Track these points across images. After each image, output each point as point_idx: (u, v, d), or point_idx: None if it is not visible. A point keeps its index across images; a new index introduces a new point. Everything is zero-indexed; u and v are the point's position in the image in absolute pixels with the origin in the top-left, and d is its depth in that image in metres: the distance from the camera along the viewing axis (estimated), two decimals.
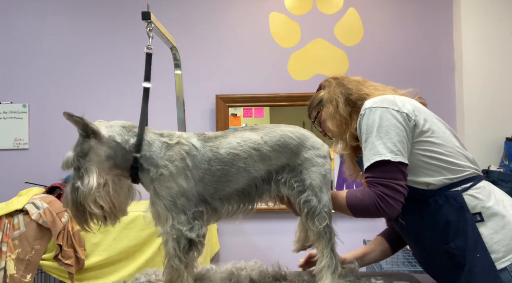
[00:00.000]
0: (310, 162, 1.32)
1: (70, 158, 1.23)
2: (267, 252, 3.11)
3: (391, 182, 1.22)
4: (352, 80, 1.47)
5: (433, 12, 3.17)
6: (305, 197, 1.29)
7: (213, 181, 1.26)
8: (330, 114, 1.44)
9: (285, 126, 1.36)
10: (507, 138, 2.91)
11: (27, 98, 3.23)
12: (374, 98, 1.32)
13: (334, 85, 1.47)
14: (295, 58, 3.16)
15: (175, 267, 1.22)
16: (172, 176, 1.22)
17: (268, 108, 3.14)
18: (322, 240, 1.30)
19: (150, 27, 1.43)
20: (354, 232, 3.03)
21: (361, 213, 1.30)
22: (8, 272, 2.34)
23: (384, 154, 1.22)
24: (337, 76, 1.51)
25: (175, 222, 1.21)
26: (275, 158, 1.30)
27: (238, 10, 3.22)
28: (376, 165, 1.24)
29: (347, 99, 1.42)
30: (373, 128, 1.25)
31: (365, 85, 1.45)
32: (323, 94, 1.50)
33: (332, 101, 1.44)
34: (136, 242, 2.45)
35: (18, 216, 2.42)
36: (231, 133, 1.33)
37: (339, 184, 3.07)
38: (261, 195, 1.33)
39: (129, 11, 3.21)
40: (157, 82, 2.85)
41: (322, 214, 1.29)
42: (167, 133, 1.29)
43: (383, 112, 1.26)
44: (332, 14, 3.19)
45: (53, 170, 3.12)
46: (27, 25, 3.26)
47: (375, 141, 1.24)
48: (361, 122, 1.30)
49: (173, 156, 1.23)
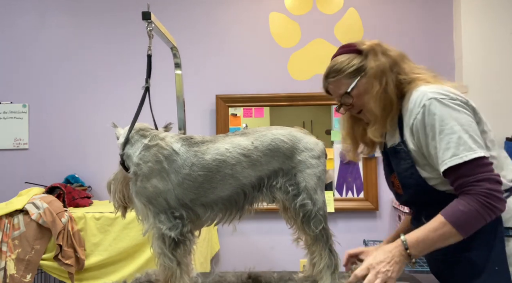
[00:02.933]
0: (304, 164, 1.29)
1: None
2: (267, 252, 3.11)
3: (490, 175, 1.08)
4: (398, 54, 1.28)
5: (433, 12, 3.17)
6: (300, 201, 1.27)
7: (194, 187, 1.24)
8: (376, 93, 1.24)
9: (277, 129, 1.33)
10: (507, 138, 2.91)
11: (27, 98, 3.23)
12: (432, 87, 1.18)
13: (380, 56, 1.26)
14: (295, 58, 3.16)
15: (166, 266, 1.22)
16: (145, 177, 1.23)
17: (268, 108, 3.14)
18: (319, 243, 1.29)
19: (150, 27, 1.43)
20: (354, 232, 3.04)
21: (475, 225, 1.09)
22: (8, 272, 2.34)
23: (476, 150, 1.09)
24: (378, 42, 1.29)
25: (156, 221, 1.22)
26: (267, 163, 1.28)
27: (238, 10, 3.22)
28: (470, 162, 1.09)
29: (397, 79, 1.25)
30: (450, 120, 1.11)
31: (416, 66, 1.29)
32: (366, 63, 1.28)
33: (381, 78, 1.24)
34: (136, 242, 2.44)
35: (18, 216, 2.42)
36: (221, 138, 1.31)
37: (339, 184, 3.07)
38: (251, 203, 1.31)
39: (130, 11, 3.21)
40: (157, 82, 2.85)
41: (317, 218, 1.28)
42: (153, 133, 1.30)
43: (456, 104, 1.13)
44: (332, 14, 3.19)
45: (53, 170, 3.12)
46: (27, 24, 3.26)
47: (462, 135, 1.09)
48: (429, 113, 1.14)
49: (147, 157, 1.24)
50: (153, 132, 1.31)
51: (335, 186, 3.08)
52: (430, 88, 1.16)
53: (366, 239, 2.94)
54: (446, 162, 1.11)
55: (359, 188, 3.07)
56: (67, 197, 2.68)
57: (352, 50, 1.31)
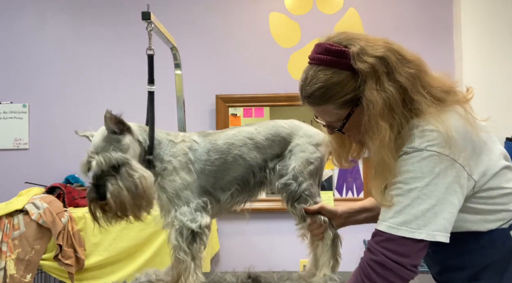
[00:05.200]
0: (300, 147, 1.35)
1: (113, 157, 1.20)
2: (267, 252, 3.11)
3: (401, 264, 0.93)
4: (410, 74, 0.97)
5: (433, 12, 3.17)
6: (285, 180, 1.31)
7: (213, 171, 1.34)
8: (377, 140, 0.95)
9: (281, 121, 1.42)
10: (507, 138, 2.91)
11: (27, 98, 3.23)
12: (438, 126, 0.92)
13: (387, 84, 0.95)
14: (295, 58, 3.16)
15: (181, 259, 1.25)
16: (175, 170, 1.31)
17: (268, 108, 3.14)
18: (307, 220, 1.32)
19: (150, 27, 1.44)
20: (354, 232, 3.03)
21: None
22: (8, 272, 2.34)
23: (433, 234, 0.92)
24: (384, 55, 0.97)
25: (177, 213, 1.27)
26: (269, 147, 1.36)
27: (238, 10, 3.21)
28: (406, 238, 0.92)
29: (405, 111, 0.96)
30: (425, 181, 0.92)
31: (431, 85, 0.99)
32: (364, 92, 0.97)
33: (386, 116, 0.95)
34: (136, 242, 2.45)
35: (18, 216, 2.42)
36: (229, 128, 1.44)
37: (339, 184, 3.07)
38: (260, 183, 1.38)
39: (129, 11, 3.21)
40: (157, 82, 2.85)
41: (303, 197, 1.31)
42: (173, 133, 1.39)
43: (447, 164, 0.93)
44: (332, 14, 3.19)
45: (53, 170, 3.12)
46: (27, 25, 3.26)
47: (424, 206, 0.92)
48: (411, 161, 0.94)
49: (176, 152, 1.33)
50: (172, 132, 1.41)
51: (335, 186, 3.08)
52: (433, 132, 0.93)
53: (366, 239, 2.95)
54: (387, 218, 0.95)
55: (359, 188, 3.07)
56: (67, 197, 2.68)
57: (342, 64, 0.98)
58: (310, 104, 1.06)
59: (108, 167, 1.19)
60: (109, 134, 1.23)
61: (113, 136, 1.23)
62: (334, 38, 1.03)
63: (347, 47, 0.99)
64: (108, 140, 1.23)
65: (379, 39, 1.03)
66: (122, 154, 1.21)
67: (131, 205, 1.20)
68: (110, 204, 1.17)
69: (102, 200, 1.18)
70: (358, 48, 0.97)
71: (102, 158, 1.20)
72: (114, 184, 1.18)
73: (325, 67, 1.01)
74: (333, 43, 1.01)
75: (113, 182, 1.18)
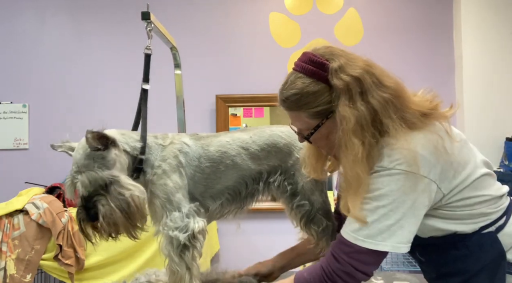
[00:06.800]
0: None
1: (98, 176, 1.11)
2: (267, 252, 3.11)
3: (366, 273, 1.01)
4: (383, 98, 0.98)
5: (433, 12, 3.17)
6: (297, 202, 1.27)
7: (203, 179, 1.27)
8: (350, 155, 0.98)
9: (277, 127, 1.34)
10: (507, 138, 2.91)
11: (27, 98, 3.23)
12: (406, 145, 0.96)
13: (359, 103, 0.98)
14: (295, 58, 3.14)
15: (173, 270, 1.19)
16: (165, 174, 1.23)
17: (268, 108, 3.14)
18: (323, 239, 1.29)
19: (149, 27, 1.43)
20: None
21: None
22: (8, 272, 2.34)
23: (394, 245, 0.98)
24: (360, 75, 0.99)
25: (168, 220, 1.20)
26: (265, 158, 1.29)
27: (238, 10, 3.21)
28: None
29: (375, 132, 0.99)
30: (393, 198, 0.97)
31: (408, 106, 1.01)
32: (336, 107, 1.00)
33: (358, 133, 0.97)
34: (136, 242, 2.44)
35: (18, 216, 2.42)
36: (223, 133, 1.35)
37: (339, 184, 3.07)
38: (252, 194, 1.32)
39: (129, 11, 3.21)
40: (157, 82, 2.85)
41: (317, 217, 1.28)
42: (160, 135, 1.30)
43: (415, 181, 0.97)
44: (332, 14, 3.19)
45: (53, 170, 3.12)
46: (27, 25, 3.26)
47: (390, 222, 0.97)
48: (381, 180, 0.98)
49: (166, 155, 1.25)
50: (159, 134, 1.32)
51: (335, 186, 3.08)
52: (405, 151, 0.96)
53: None
54: (348, 232, 1.01)
55: None
56: (67, 197, 2.68)
57: (320, 76, 1.02)
58: (285, 107, 1.11)
59: (95, 187, 1.11)
60: (92, 151, 1.13)
61: (97, 153, 1.13)
62: (319, 50, 1.06)
63: (328, 61, 1.02)
64: (92, 157, 1.13)
65: (361, 59, 1.04)
66: (108, 172, 1.12)
67: (125, 225, 1.13)
68: (103, 227, 1.11)
69: (94, 222, 1.11)
70: (337, 64, 1.00)
71: (87, 178, 1.10)
72: (105, 205, 1.09)
73: (304, 76, 1.06)
74: (317, 54, 1.05)
75: (103, 202, 1.10)
